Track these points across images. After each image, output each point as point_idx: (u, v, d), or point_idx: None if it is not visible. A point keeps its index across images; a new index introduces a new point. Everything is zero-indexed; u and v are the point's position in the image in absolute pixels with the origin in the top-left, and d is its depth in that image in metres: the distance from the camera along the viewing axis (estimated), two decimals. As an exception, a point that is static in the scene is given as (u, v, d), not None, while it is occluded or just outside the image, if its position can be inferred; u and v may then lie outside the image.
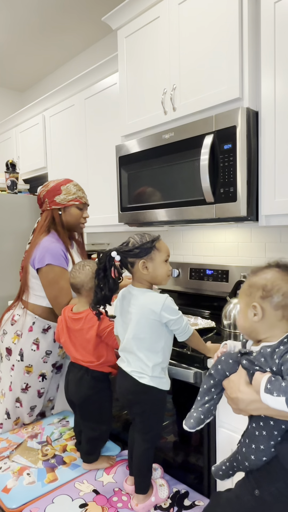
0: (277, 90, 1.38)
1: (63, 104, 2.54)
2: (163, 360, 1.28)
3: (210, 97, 1.53)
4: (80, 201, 1.75)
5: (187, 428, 1.01)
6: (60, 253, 1.66)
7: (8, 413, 1.76)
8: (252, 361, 0.91)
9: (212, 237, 2.08)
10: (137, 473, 1.34)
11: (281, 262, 0.97)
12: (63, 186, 1.73)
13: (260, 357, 0.89)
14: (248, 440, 0.93)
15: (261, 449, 0.89)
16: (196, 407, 1.03)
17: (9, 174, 2.73)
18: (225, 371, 0.99)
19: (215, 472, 1.06)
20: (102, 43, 2.84)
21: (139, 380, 1.25)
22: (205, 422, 1.02)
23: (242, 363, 0.94)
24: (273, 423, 0.88)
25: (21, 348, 1.72)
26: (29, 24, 2.60)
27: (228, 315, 1.67)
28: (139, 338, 1.25)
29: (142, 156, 1.81)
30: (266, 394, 0.82)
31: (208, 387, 1.03)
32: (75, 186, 1.76)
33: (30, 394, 1.76)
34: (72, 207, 1.74)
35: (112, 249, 1.25)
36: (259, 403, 0.86)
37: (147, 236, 1.28)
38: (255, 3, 1.43)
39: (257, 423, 0.91)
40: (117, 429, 1.80)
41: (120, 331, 1.35)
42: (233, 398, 0.93)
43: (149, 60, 1.79)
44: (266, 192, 1.45)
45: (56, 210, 1.73)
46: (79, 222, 1.78)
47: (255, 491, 0.90)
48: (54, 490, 1.39)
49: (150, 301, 1.24)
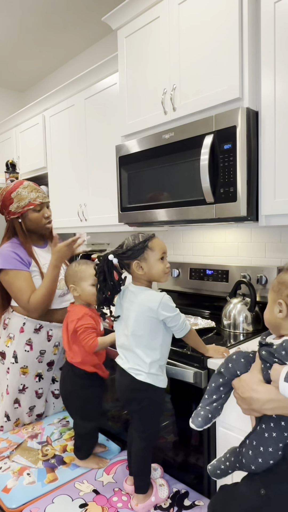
0: (277, 90, 1.38)
1: (63, 104, 2.54)
2: (161, 358, 1.29)
3: (210, 97, 1.53)
4: (34, 203, 1.68)
5: (194, 427, 1.00)
6: (12, 255, 1.65)
7: (7, 415, 1.76)
8: (272, 353, 0.89)
9: (212, 237, 2.08)
10: (136, 472, 1.34)
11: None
12: (13, 193, 1.67)
13: (281, 350, 0.87)
14: (256, 442, 0.91)
15: (270, 451, 0.87)
16: (204, 406, 1.02)
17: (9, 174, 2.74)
18: (236, 370, 0.98)
19: (212, 471, 1.05)
20: (102, 43, 2.84)
21: (135, 377, 1.27)
22: (212, 421, 1.01)
23: (261, 353, 0.92)
24: (284, 423, 0.86)
25: (14, 350, 1.71)
26: (29, 24, 2.60)
27: (228, 315, 1.67)
28: (137, 335, 1.27)
29: (142, 156, 1.81)
30: (285, 383, 0.80)
31: (216, 385, 1.01)
32: (25, 189, 1.69)
33: (28, 395, 1.75)
34: (29, 212, 1.69)
35: (109, 252, 1.29)
36: (276, 401, 0.85)
37: (140, 236, 1.29)
38: (255, 3, 1.43)
39: (267, 424, 0.89)
40: (117, 429, 1.80)
41: (118, 328, 1.36)
42: (246, 397, 0.91)
43: (149, 60, 1.79)
44: (266, 192, 1.45)
45: (15, 219, 1.70)
46: (42, 224, 1.74)
47: (261, 491, 0.89)
48: (54, 490, 1.39)
49: (147, 299, 1.26)
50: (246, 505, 0.92)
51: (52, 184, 2.73)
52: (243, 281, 1.69)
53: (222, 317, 1.70)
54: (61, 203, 2.65)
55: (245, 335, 1.60)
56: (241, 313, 1.64)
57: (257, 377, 0.91)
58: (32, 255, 1.70)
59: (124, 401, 1.37)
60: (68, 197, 2.55)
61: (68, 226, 2.58)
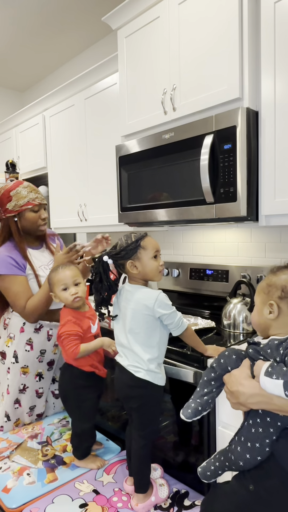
0: (277, 90, 1.39)
1: (63, 104, 2.54)
2: (159, 355, 1.30)
3: (210, 97, 1.53)
4: (33, 203, 1.68)
5: (183, 417, 1.04)
6: (8, 260, 1.64)
7: (7, 415, 1.76)
8: (258, 351, 0.93)
9: (212, 237, 2.08)
10: (136, 471, 1.34)
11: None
12: (13, 192, 1.67)
13: (267, 348, 0.91)
14: (244, 438, 0.94)
15: (256, 447, 0.90)
16: (195, 398, 1.05)
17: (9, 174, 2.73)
18: (227, 366, 1.01)
19: (202, 473, 1.06)
20: (102, 43, 2.84)
21: (134, 374, 1.28)
22: (202, 414, 1.04)
23: (248, 351, 0.96)
24: (270, 419, 0.89)
25: (15, 350, 1.71)
26: (29, 24, 2.60)
27: (228, 315, 1.67)
28: (135, 333, 1.28)
29: (142, 156, 1.81)
30: (265, 377, 0.84)
31: (208, 379, 1.05)
32: (25, 188, 1.69)
33: (28, 395, 1.76)
34: (26, 212, 1.69)
35: (104, 253, 1.31)
36: (260, 396, 0.88)
37: (133, 236, 1.30)
38: (255, 3, 1.43)
39: (254, 419, 0.92)
40: (117, 429, 1.80)
41: (117, 327, 1.37)
42: (234, 391, 0.94)
43: (149, 60, 1.79)
44: (266, 192, 1.45)
45: (11, 218, 1.69)
46: (38, 225, 1.73)
47: (250, 486, 0.92)
48: (54, 490, 1.39)
49: (144, 297, 1.27)
50: (236, 501, 0.95)
51: (52, 184, 2.73)
52: (243, 281, 1.69)
53: (222, 317, 1.70)
54: (61, 203, 2.65)
55: (245, 335, 1.60)
56: (241, 313, 1.64)
57: (245, 373, 0.95)
58: (26, 257, 1.69)
59: (122, 398, 1.38)
60: (68, 197, 2.55)
61: (68, 226, 2.58)
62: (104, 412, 1.88)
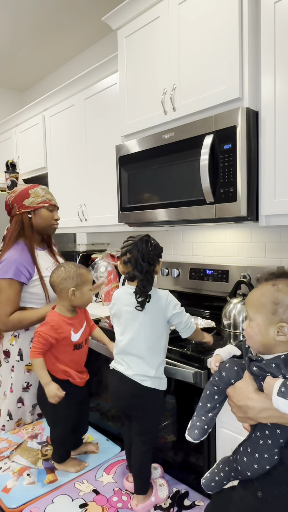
0: (277, 90, 1.38)
1: (63, 104, 2.54)
2: (163, 359, 1.31)
3: (210, 97, 1.53)
4: (49, 203, 1.76)
5: (191, 439, 0.97)
6: (18, 267, 1.64)
7: (10, 414, 1.76)
8: (263, 368, 0.87)
9: (212, 237, 2.08)
10: (137, 474, 1.34)
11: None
12: (31, 190, 1.74)
13: (272, 364, 0.86)
14: (251, 449, 0.90)
15: (265, 457, 0.87)
16: (199, 415, 0.99)
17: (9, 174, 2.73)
18: (230, 379, 0.96)
19: (206, 485, 1.02)
20: (102, 43, 2.84)
21: (141, 384, 1.27)
22: (208, 432, 0.99)
23: (252, 369, 0.90)
24: (280, 431, 0.85)
25: (19, 348, 1.72)
26: (29, 24, 2.60)
27: (228, 315, 1.67)
28: (145, 337, 1.27)
29: (142, 156, 1.81)
30: (278, 397, 0.79)
31: (211, 393, 0.99)
32: (43, 190, 1.77)
33: (32, 392, 1.76)
34: (42, 209, 1.74)
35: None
36: (271, 410, 0.84)
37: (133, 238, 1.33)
38: (255, 3, 1.43)
39: (262, 431, 0.88)
40: (117, 429, 1.80)
41: (118, 331, 1.36)
42: (241, 406, 0.90)
43: (149, 60, 1.79)
44: (266, 192, 1.45)
45: (26, 214, 1.72)
46: (51, 224, 1.79)
47: (258, 493, 0.89)
48: (54, 490, 1.39)
49: (153, 297, 1.27)
50: (243, 508, 0.92)
51: (52, 184, 2.73)
52: (243, 281, 1.69)
53: (222, 317, 1.70)
54: (61, 203, 2.63)
55: (245, 335, 1.60)
56: (241, 313, 1.64)
57: (251, 385, 0.90)
58: (34, 258, 1.70)
59: (125, 408, 1.36)
60: (68, 197, 2.55)
61: (68, 226, 2.58)
62: (104, 412, 1.88)
